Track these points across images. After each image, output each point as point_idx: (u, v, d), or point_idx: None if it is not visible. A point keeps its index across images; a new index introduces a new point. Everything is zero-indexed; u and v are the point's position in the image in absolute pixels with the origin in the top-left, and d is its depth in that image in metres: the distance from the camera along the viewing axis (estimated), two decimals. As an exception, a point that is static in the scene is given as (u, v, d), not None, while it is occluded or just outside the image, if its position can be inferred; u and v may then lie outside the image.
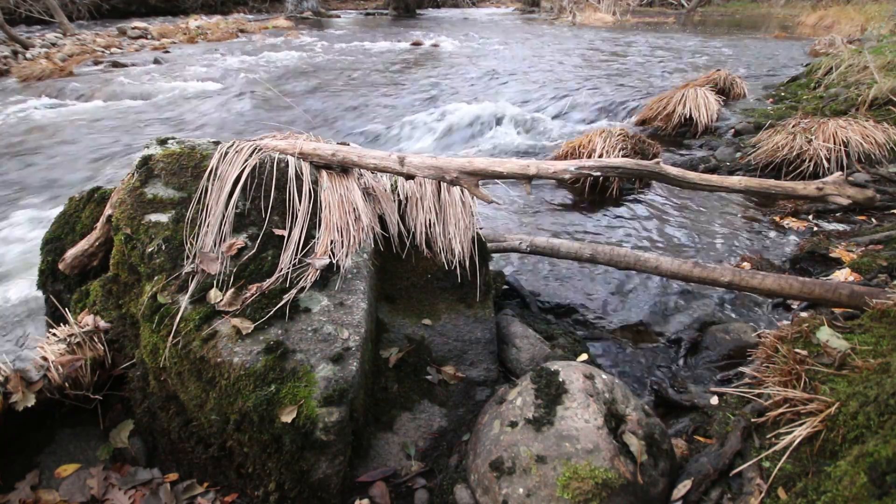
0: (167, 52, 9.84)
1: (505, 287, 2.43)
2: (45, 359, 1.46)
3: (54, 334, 1.55)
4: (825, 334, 1.43)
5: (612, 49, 9.53)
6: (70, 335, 1.53)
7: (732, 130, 4.48)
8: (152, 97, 6.59)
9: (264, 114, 5.73)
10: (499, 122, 5.17)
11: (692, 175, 2.00)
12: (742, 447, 1.35)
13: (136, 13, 15.80)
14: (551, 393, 1.38)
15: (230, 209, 1.59)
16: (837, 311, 1.85)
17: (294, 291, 1.46)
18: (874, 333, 1.39)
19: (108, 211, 1.74)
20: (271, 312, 1.41)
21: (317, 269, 1.52)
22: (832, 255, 2.51)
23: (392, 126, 5.28)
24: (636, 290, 2.46)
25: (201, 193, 1.61)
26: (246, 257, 1.53)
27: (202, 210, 1.58)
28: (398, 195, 1.94)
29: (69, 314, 1.66)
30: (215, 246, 1.54)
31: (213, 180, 1.63)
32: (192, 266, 1.50)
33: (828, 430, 1.17)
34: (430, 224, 1.88)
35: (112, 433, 1.51)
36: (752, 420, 1.40)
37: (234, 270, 1.50)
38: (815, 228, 2.97)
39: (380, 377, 1.62)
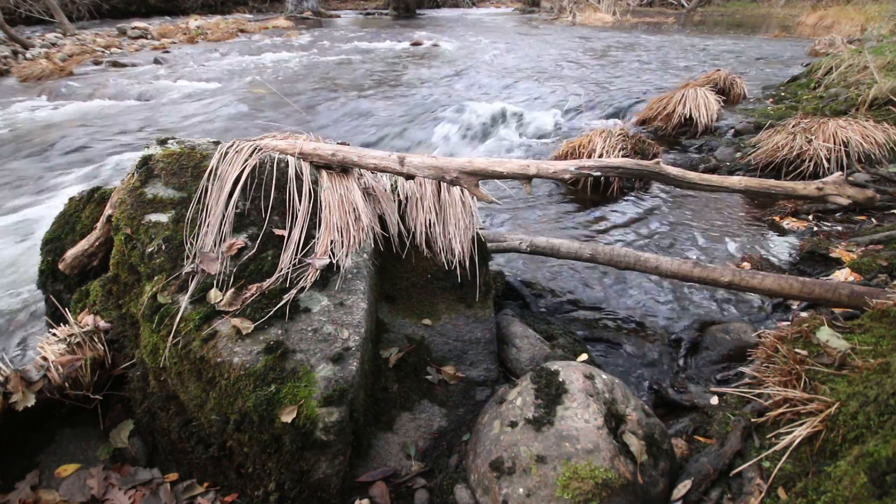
0: (167, 52, 9.83)
1: (505, 287, 2.43)
2: (45, 359, 1.46)
3: (54, 334, 1.55)
4: (825, 334, 1.44)
5: (612, 49, 9.53)
6: (70, 335, 1.53)
7: (732, 130, 4.48)
8: (152, 97, 6.59)
9: (264, 114, 5.73)
10: (499, 121, 5.18)
11: (692, 175, 2.00)
12: (742, 447, 1.35)
13: (136, 13, 15.79)
14: (551, 393, 1.38)
15: (230, 209, 1.59)
16: (837, 311, 1.85)
17: (294, 291, 1.46)
18: (874, 333, 1.39)
19: (108, 211, 1.74)
20: (271, 312, 1.40)
21: (317, 269, 1.52)
22: (832, 255, 2.51)
23: (391, 126, 5.28)
24: (636, 290, 2.46)
25: (201, 193, 1.61)
26: (246, 257, 1.53)
27: (202, 210, 1.58)
28: (398, 195, 1.94)
29: (69, 314, 1.65)
30: (215, 246, 1.54)
31: (213, 180, 1.63)
32: (192, 266, 1.50)
33: (828, 430, 1.17)
34: (430, 224, 1.88)
35: (112, 433, 1.51)
36: (752, 420, 1.40)
37: (234, 270, 1.50)
38: (815, 228, 2.96)
39: (380, 377, 1.62)
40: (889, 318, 1.42)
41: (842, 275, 2.28)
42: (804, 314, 1.97)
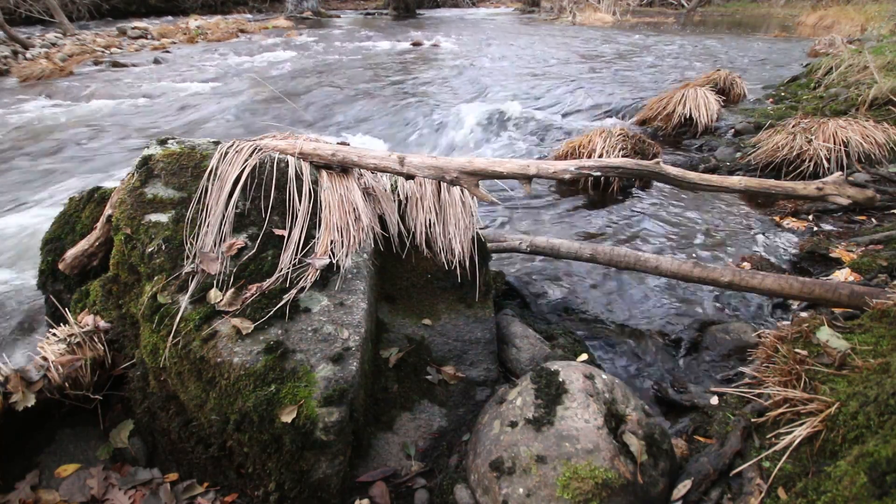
0: (167, 52, 9.84)
1: (505, 287, 2.43)
2: (45, 359, 1.46)
3: (54, 334, 1.55)
4: (825, 334, 1.44)
5: (612, 49, 9.54)
6: (70, 335, 1.53)
7: (732, 130, 4.48)
8: (152, 97, 6.59)
9: (264, 114, 5.73)
10: (499, 121, 5.17)
11: (692, 175, 2.00)
12: (742, 447, 1.35)
13: (136, 13, 15.79)
14: (551, 393, 1.38)
15: (230, 209, 1.59)
16: (837, 311, 1.85)
17: (294, 291, 1.46)
18: (874, 333, 1.39)
19: (108, 211, 1.74)
20: (271, 312, 1.40)
21: (317, 269, 1.52)
22: (832, 255, 2.51)
23: (392, 126, 5.28)
24: (636, 291, 2.46)
25: (201, 193, 1.61)
26: (246, 257, 1.53)
27: (202, 210, 1.58)
28: (398, 195, 1.94)
29: (69, 314, 1.65)
30: (215, 246, 1.54)
31: (213, 180, 1.63)
32: (192, 266, 1.50)
33: (828, 430, 1.17)
34: (430, 224, 1.88)
35: (112, 433, 1.51)
36: (752, 420, 1.40)
37: (234, 270, 1.50)
38: (815, 228, 2.96)
39: (380, 377, 1.62)
40: (889, 318, 1.42)
41: (842, 275, 2.28)
42: (804, 314, 1.97)
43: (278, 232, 1.60)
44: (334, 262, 1.56)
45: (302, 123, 5.38)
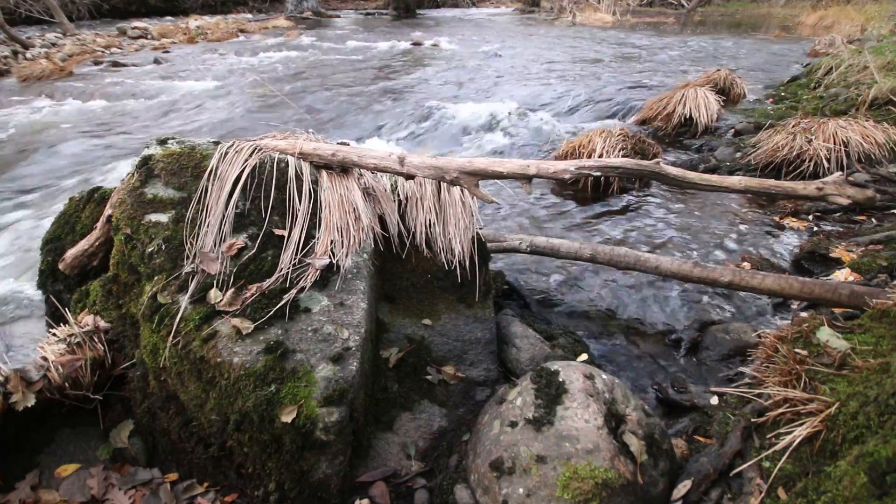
0: (167, 52, 9.83)
1: (505, 287, 2.43)
2: (45, 359, 1.46)
3: (54, 334, 1.55)
4: (825, 334, 1.44)
5: (612, 49, 9.53)
6: (70, 335, 1.53)
7: (732, 130, 4.48)
8: (152, 97, 6.59)
9: (264, 114, 5.73)
10: (499, 121, 5.17)
11: (692, 175, 2.00)
12: (742, 447, 1.35)
13: (136, 13, 15.79)
14: (551, 393, 1.38)
15: (230, 209, 1.59)
16: (837, 311, 1.85)
17: (294, 291, 1.46)
18: (874, 333, 1.39)
19: (108, 211, 1.74)
20: (271, 312, 1.40)
21: (317, 269, 1.52)
22: (832, 255, 2.51)
23: (392, 125, 5.28)
24: (636, 291, 2.46)
25: (201, 193, 1.61)
26: (246, 257, 1.53)
27: (202, 210, 1.58)
28: (398, 195, 1.94)
29: (69, 314, 1.65)
30: (215, 246, 1.54)
31: (213, 180, 1.63)
32: (192, 266, 1.50)
33: (828, 430, 1.17)
34: (430, 224, 1.88)
35: (112, 433, 1.51)
36: (752, 420, 1.40)
37: (234, 270, 1.50)
38: (815, 228, 2.97)
39: (380, 377, 1.62)
40: (889, 318, 1.42)
41: (842, 275, 2.28)
42: (804, 314, 1.97)
43: (278, 232, 1.60)
44: (334, 262, 1.56)
45: (302, 123, 5.38)
